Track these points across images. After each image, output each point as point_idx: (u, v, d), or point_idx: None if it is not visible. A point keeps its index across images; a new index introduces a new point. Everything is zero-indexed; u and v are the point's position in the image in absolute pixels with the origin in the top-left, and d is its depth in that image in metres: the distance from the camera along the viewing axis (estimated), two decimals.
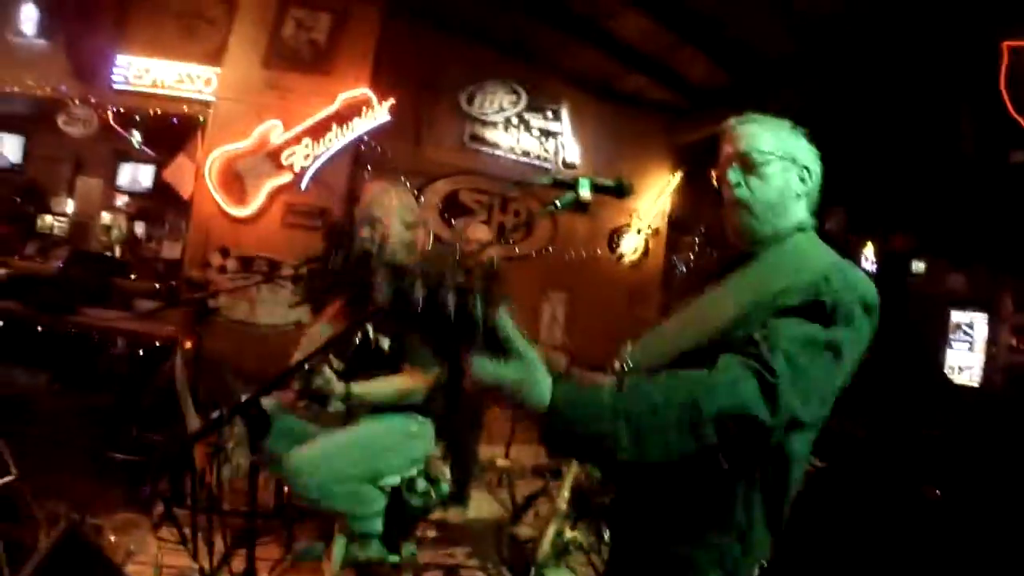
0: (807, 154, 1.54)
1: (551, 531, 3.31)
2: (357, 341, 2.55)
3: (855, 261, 1.38)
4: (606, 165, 6.90)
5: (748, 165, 1.49)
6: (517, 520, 4.22)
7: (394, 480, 2.68)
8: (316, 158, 5.11)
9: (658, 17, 5.17)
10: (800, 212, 1.52)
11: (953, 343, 7.68)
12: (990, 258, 6.38)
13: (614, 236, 6.99)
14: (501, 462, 5.07)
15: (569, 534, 3.33)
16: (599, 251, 6.87)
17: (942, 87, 4.85)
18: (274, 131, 5.07)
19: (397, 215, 2.72)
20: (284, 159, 5.07)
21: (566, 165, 6.61)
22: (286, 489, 3.08)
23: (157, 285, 5.53)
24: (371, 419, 2.64)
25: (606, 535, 4.14)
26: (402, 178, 4.91)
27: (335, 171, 5.27)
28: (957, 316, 7.66)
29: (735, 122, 1.56)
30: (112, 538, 2.74)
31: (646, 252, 7.10)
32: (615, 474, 1.28)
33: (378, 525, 2.63)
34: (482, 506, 4.63)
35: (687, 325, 1.45)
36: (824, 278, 1.29)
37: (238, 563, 2.60)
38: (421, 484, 2.83)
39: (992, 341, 7.38)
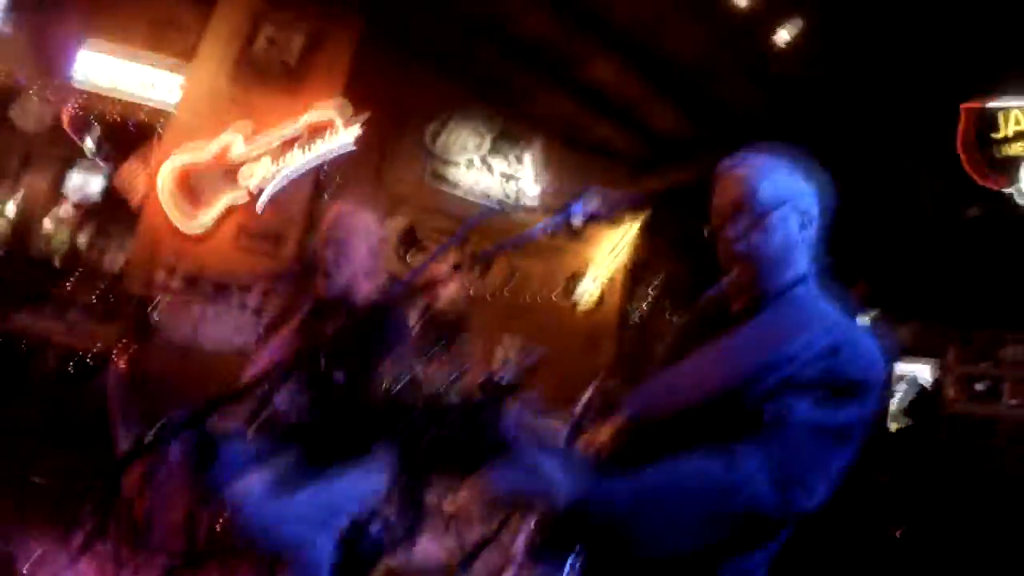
0: (807, 197, 1.44)
1: None
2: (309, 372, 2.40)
3: None
4: (566, 208, 6.91)
5: (746, 217, 1.39)
6: (466, 569, 4.05)
7: (345, 522, 2.42)
8: (276, 177, 4.90)
9: (632, 65, 5.24)
10: (802, 261, 1.43)
11: (896, 392, 7.82)
12: (940, 310, 6.60)
13: (570, 282, 6.97)
14: (449, 506, 4.89)
15: None
16: (554, 297, 6.83)
17: (904, 147, 5.06)
18: (235, 144, 4.84)
19: (363, 238, 2.58)
20: (242, 176, 4.84)
21: (526, 209, 6.59)
22: (224, 524, 2.88)
23: (95, 297, 5.24)
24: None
25: None
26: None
27: (294, 195, 5.07)
28: (902, 367, 7.81)
29: (729, 166, 1.45)
30: (25, 571, 2.50)
31: (601, 300, 7.09)
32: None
33: (325, 574, 2.36)
34: (428, 552, 4.44)
35: (691, 379, 1.36)
36: (834, 350, 1.24)
37: None
38: (375, 528, 2.65)
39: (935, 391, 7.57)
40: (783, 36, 4.49)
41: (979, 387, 6.51)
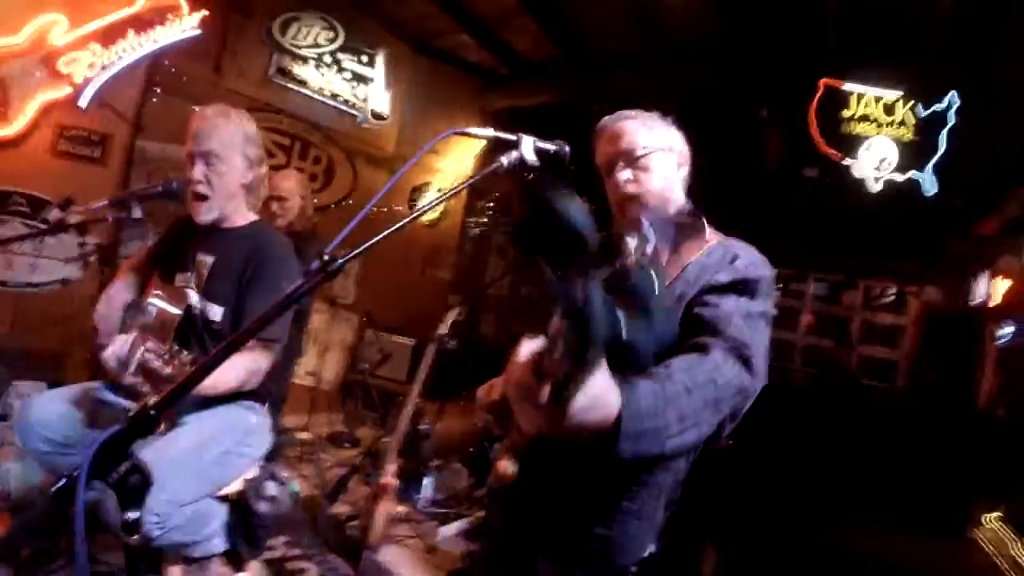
0: (679, 140, 1.71)
1: (382, 510, 3.19)
2: (178, 313, 2.10)
3: None
4: (415, 119, 6.66)
5: (632, 161, 1.62)
6: (334, 499, 4.02)
7: (236, 486, 2.26)
8: (104, 70, 4.07)
9: None
10: (681, 195, 1.70)
11: None
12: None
13: (414, 194, 6.77)
14: (303, 435, 4.76)
15: (396, 508, 3.25)
16: (399, 208, 6.60)
17: (756, 109, 5.44)
18: (55, 28, 3.90)
19: (239, 149, 2.26)
20: (63, 66, 3.94)
21: (375, 115, 6.21)
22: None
23: None
24: (201, 416, 2.14)
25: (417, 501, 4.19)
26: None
27: (122, 91, 4.27)
28: None
29: (609, 121, 1.70)
30: None
31: (445, 212, 6.99)
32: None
33: (220, 544, 2.21)
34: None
35: None
36: (734, 257, 1.49)
37: None
38: (270, 487, 2.48)
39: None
40: None
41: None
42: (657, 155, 1.63)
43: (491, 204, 7.63)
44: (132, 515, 1.17)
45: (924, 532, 6.56)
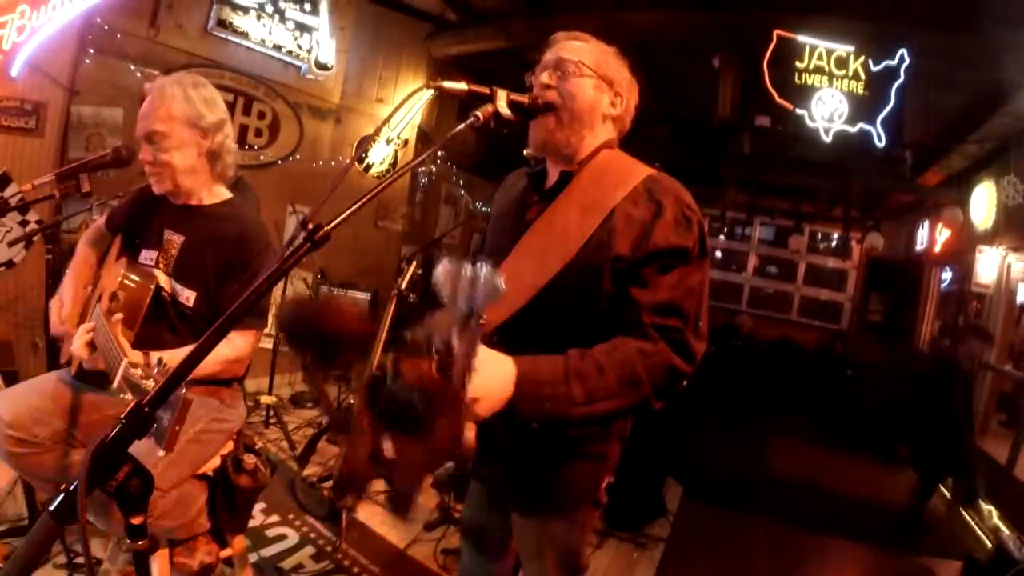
0: (625, 83, 1.61)
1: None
2: (147, 296, 2.00)
3: None
4: (361, 68, 6.44)
5: (563, 72, 1.53)
6: (305, 461, 3.99)
7: (215, 463, 2.23)
8: (34, 33, 3.72)
9: None
10: (608, 133, 1.61)
11: None
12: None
13: (362, 145, 6.58)
14: (265, 399, 4.69)
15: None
16: (347, 160, 6.42)
17: (709, 58, 5.43)
18: None
19: (186, 120, 2.08)
20: None
21: (319, 65, 5.96)
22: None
23: None
24: None
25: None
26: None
27: (55, 55, 3.95)
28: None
29: (562, 35, 1.61)
30: None
31: (394, 163, 6.83)
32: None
33: (204, 523, 2.19)
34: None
35: (543, 254, 1.47)
36: (660, 209, 1.43)
37: None
38: (249, 459, 2.44)
39: None
40: None
41: None
42: (591, 80, 1.54)
43: (440, 152, 7.48)
44: (137, 520, 1.11)
45: (878, 460, 6.97)
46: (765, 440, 7.24)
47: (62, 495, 0.97)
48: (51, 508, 0.97)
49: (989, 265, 6.31)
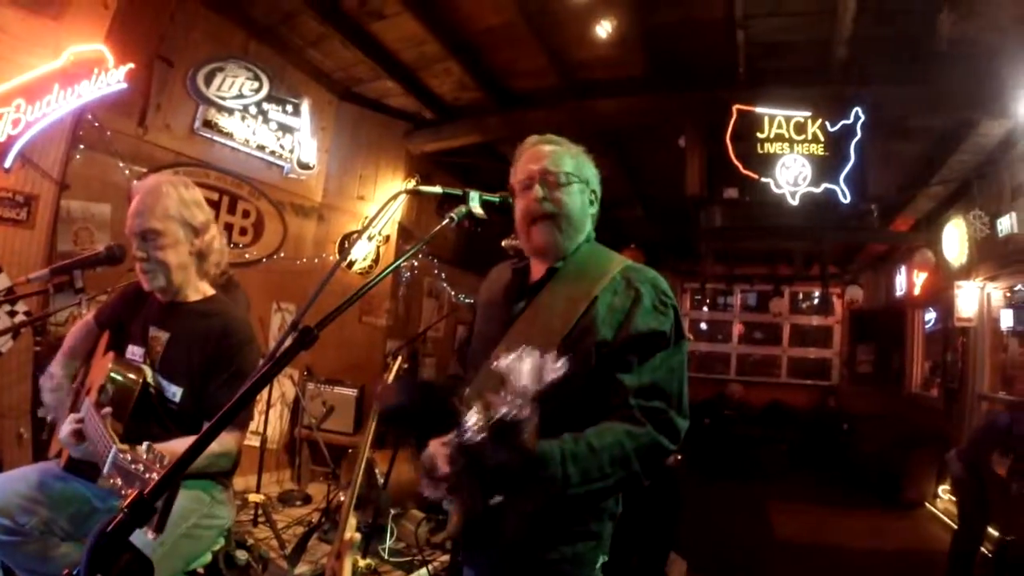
0: (596, 178, 1.79)
1: (347, 566, 3.13)
2: (136, 390, 2.03)
3: None
4: (342, 167, 6.67)
5: (553, 184, 1.67)
6: (296, 560, 3.91)
7: (206, 559, 2.22)
8: (29, 126, 3.79)
9: (432, 26, 5.07)
10: (590, 227, 1.78)
11: None
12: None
13: (345, 242, 6.72)
14: (253, 497, 4.60)
15: (361, 562, 3.19)
16: (330, 257, 6.54)
17: (677, 136, 5.68)
18: None
19: (179, 220, 2.15)
20: None
21: (301, 164, 6.15)
22: None
23: None
24: None
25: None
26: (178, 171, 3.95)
27: (47, 148, 4.03)
28: None
29: (537, 140, 1.75)
30: None
31: (377, 260, 6.94)
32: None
33: None
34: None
35: (532, 341, 1.50)
36: (638, 296, 1.56)
37: None
38: (241, 556, 2.43)
39: None
40: (597, 31, 4.64)
41: None
42: (576, 185, 1.70)
43: (422, 248, 7.61)
44: None
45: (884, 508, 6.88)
46: (766, 505, 7.13)
47: None
48: None
49: (969, 299, 6.42)
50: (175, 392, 2.12)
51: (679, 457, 4.52)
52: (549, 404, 1.41)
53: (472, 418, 1.30)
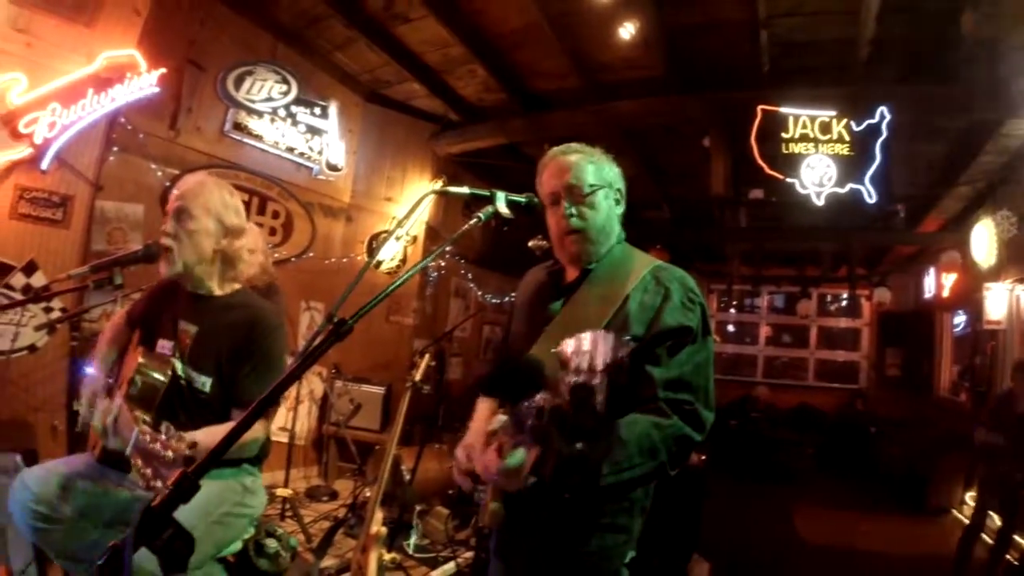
0: (619, 178, 1.85)
1: (373, 560, 3.18)
2: (164, 381, 2.10)
3: None
4: (370, 168, 6.76)
5: (577, 197, 1.75)
6: (322, 554, 3.99)
7: (236, 547, 2.28)
8: (64, 130, 3.94)
9: (456, 29, 5.13)
10: (619, 228, 1.84)
11: None
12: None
13: (373, 243, 6.81)
14: (281, 491, 4.69)
15: (387, 556, 3.23)
16: (358, 257, 6.63)
17: (702, 136, 5.68)
18: (14, 87, 3.76)
19: (214, 214, 2.23)
20: (23, 126, 3.79)
21: (330, 166, 6.26)
22: None
23: None
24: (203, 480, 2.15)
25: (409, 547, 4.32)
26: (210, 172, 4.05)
27: (82, 151, 4.17)
28: None
29: (557, 153, 1.81)
30: None
31: (404, 260, 7.03)
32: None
33: None
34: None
35: (570, 337, 1.59)
36: (667, 295, 1.63)
37: None
38: (271, 544, 2.49)
39: None
40: (619, 34, 4.67)
41: None
42: (601, 192, 1.76)
43: (448, 248, 7.69)
44: None
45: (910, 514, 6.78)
46: (792, 508, 7.07)
47: (110, 550, 1.05)
48: (99, 562, 1.05)
49: (998, 301, 6.29)
50: (204, 382, 2.19)
51: (703, 457, 4.53)
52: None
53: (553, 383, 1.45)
